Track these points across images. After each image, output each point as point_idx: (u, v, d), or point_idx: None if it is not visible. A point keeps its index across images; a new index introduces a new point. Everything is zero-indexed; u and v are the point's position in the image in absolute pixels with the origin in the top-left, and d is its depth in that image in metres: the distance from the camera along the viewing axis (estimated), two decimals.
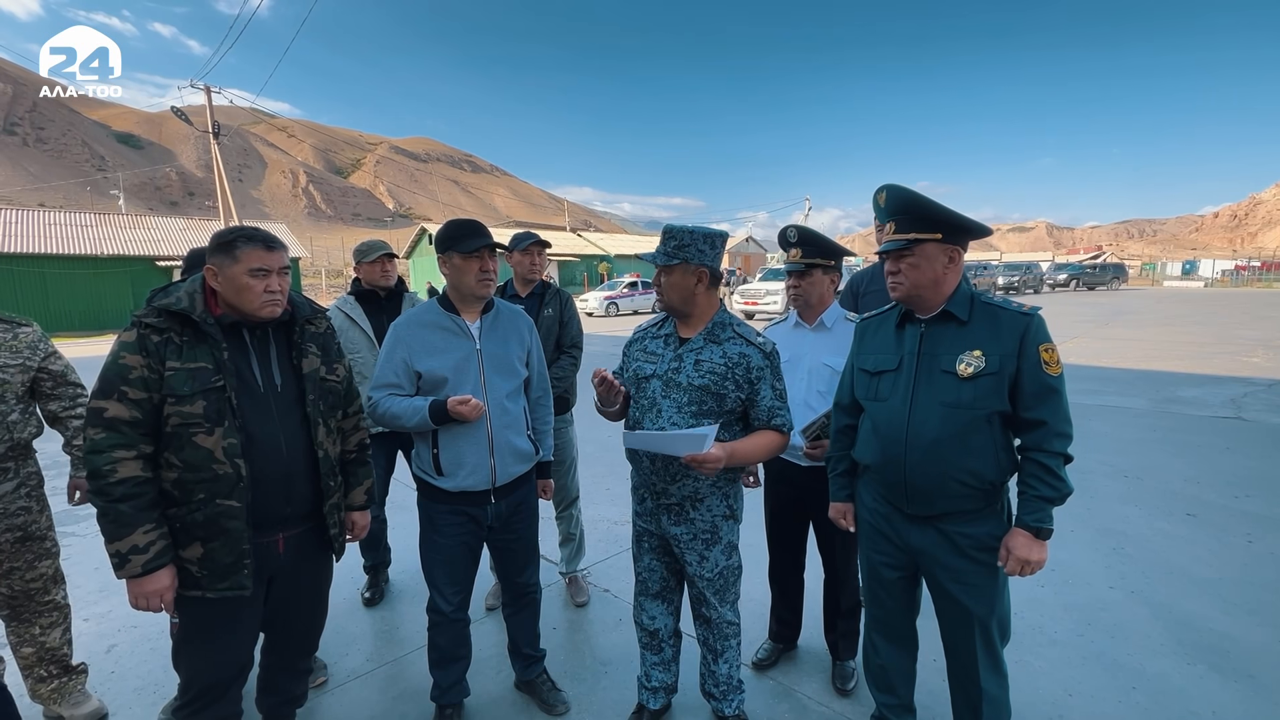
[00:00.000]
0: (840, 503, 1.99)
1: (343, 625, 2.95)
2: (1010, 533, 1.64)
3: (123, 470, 1.52)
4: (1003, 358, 1.61)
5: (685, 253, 1.84)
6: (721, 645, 2.07)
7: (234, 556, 1.62)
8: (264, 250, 1.63)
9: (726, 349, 1.87)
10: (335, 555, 1.92)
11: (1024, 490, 1.64)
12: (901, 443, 1.70)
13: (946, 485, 1.65)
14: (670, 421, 1.86)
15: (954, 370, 1.65)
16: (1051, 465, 1.59)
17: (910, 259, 1.68)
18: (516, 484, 2.15)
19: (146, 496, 1.55)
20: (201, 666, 1.71)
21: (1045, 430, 1.59)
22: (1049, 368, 1.60)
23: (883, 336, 1.86)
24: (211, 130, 20.95)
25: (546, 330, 2.93)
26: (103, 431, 1.52)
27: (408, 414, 1.95)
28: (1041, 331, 1.63)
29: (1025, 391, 1.60)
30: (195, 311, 1.59)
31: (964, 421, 1.63)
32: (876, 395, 1.81)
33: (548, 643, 2.72)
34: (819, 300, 2.28)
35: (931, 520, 1.73)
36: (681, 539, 1.97)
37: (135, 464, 1.54)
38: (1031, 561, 1.59)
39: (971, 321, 1.68)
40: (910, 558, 1.82)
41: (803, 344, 2.32)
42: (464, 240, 2.00)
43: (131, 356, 1.55)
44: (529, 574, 2.29)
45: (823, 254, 2.23)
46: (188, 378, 1.56)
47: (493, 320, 2.13)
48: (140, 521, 1.53)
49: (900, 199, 1.71)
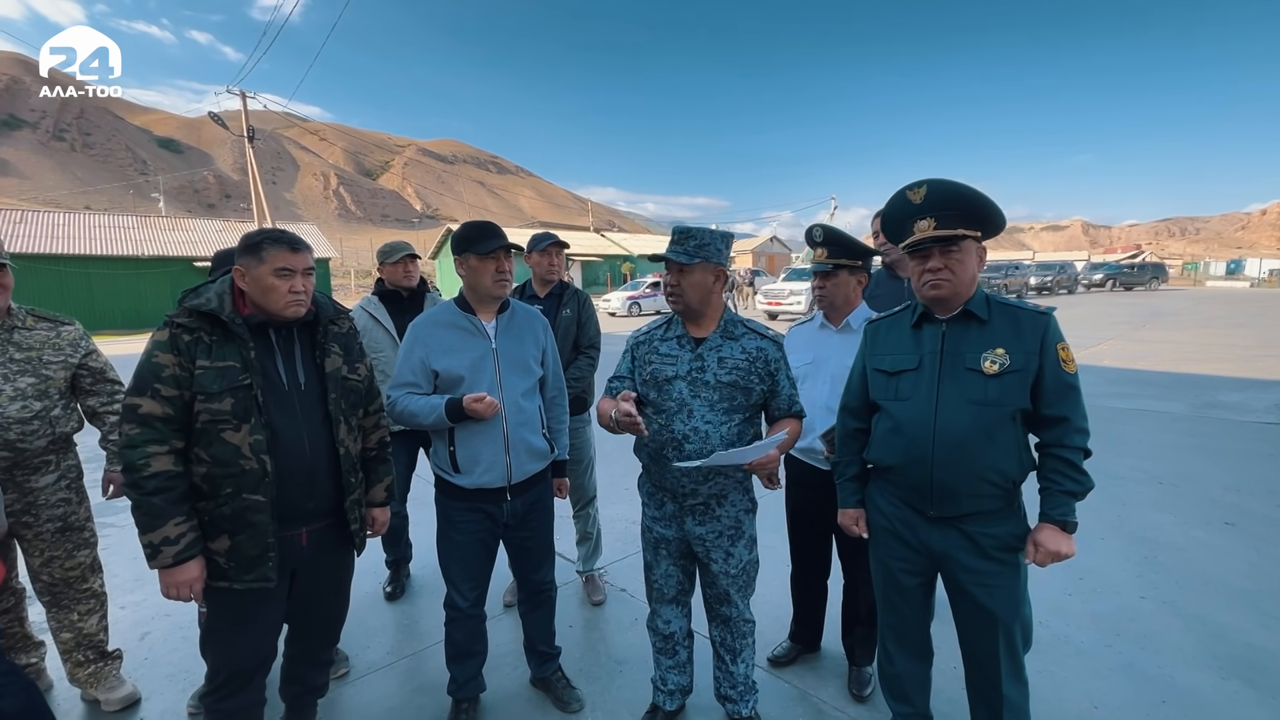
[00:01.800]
0: (851, 509, 1.97)
1: (364, 618, 3.02)
2: (1037, 527, 1.66)
3: (156, 465, 1.58)
4: (1026, 355, 1.63)
5: (706, 251, 1.85)
6: (739, 645, 2.07)
7: (259, 549, 1.67)
8: (289, 252, 1.68)
9: (744, 344, 1.91)
10: (356, 550, 1.97)
11: (1048, 486, 1.65)
12: (928, 441, 1.69)
13: (973, 484, 1.66)
14: (704, 419, 1.87)
15: (979, 368, 1.66)
16: (1074, 460, 1.62)
17: (957, 255, 1.66)
18: (532, 482, 2.18)
19: (178, 490, 1.61)
20: (227, 655, 1.76)
21: (1067, 426, 1.63)
22: (1067, 365, 1.64)
23: (897, 337, 1.85)
24: (246, 135, 21.56)
25: (564, 331, 2.95)
26: (137, 427, 1.58)
27: (425, 412, 1.99)
28: (1058, 330, 1.67)
29: (1047, 389, 1.63)
30: (224, 312, 1.65)
31: (991, 418, 1.64)
32: (897, 395, 1.79)
33: (564, 640, 2.75)
34: (845, 302, 2.26)
35: (954, 521, 1.72)
36: (707, 538, 1.98)
37: (168, 459, 1.59)
38: (1061, 554, 1.61)
39: (991, 320, 1.69)
40: (930, 562, 1.80)
41: (827, 346, 2.30)
42: (480, 242, 2.03)
43: (164, 355, 1.60)
44: (544, 572, 2.31)
45: (849, 254, 2.21)
46: (217, 376, 1.62)
47: (508, 320, 2.16)
48: (172, 514, 1.59)
49: (948, 192, 1.67)
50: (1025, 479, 1.69)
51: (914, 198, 1.73)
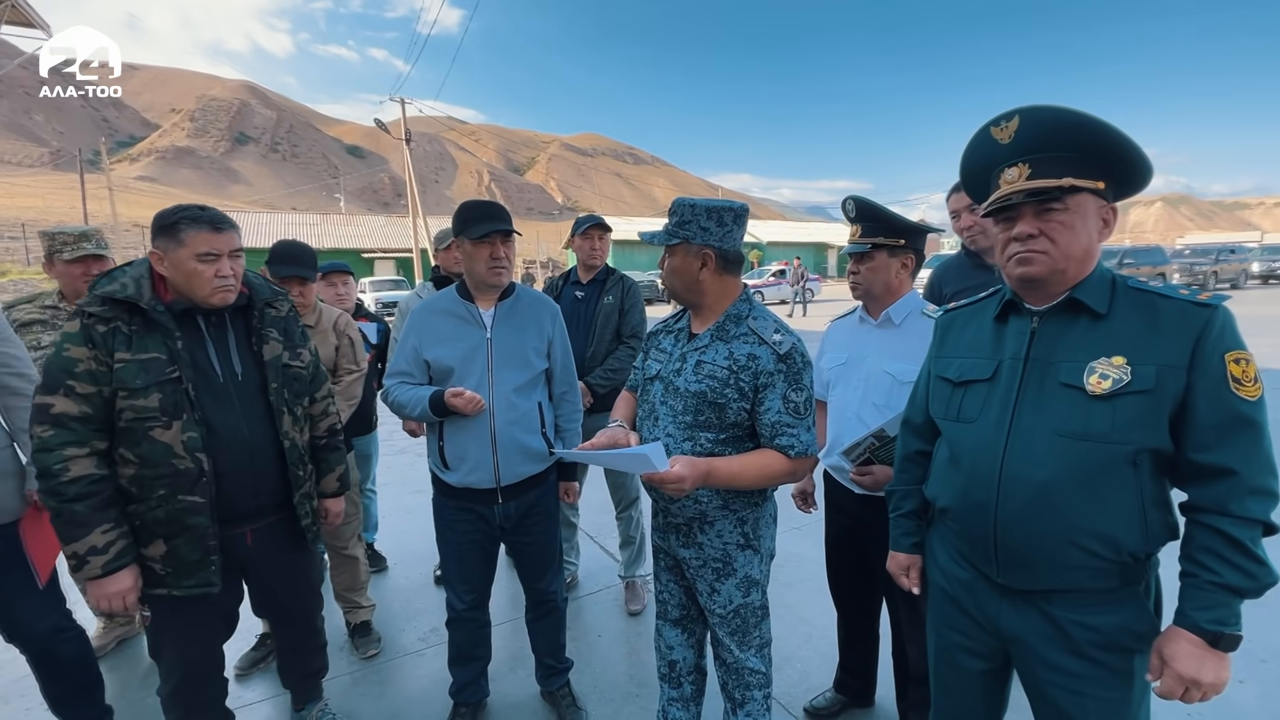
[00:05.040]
0: (903, 554, 1.52)
1: (410, 600, 3.06)
2: (1168, 633, 1.10)
3: (75, 469, 1.43)
4: (1162, 369, 1.08)
5: (686, 230, 1.50)
6: (742, 695, 1.74)
7: (200, 553, 1.55)
8: (211, 232, 1.52)
9: (734, 349, 1.51)
10: (308, 544, 1.86)
11: (1193, 573, 1.09)
12: (992, 483, 1.21)
13: (1059, 550, 1.15)
14: (666, 433, 1.56)
15: (1080, 384, 1.13)
16: (1240, 537, 1.04)
17: (1061, 215, 1.14)
18: (527, 485, 1.99)
19: (103, 495, 1.46)
20: (177, 660, 1.68)
21: (1233, 483, 1.05)
22: (1241, 388, 1.05)
23: (974, 333, 1.36)
24: (404, 138, 23.88)
25: (605, 319, 2.75)
26: (50, 429, 1.43)
27: (411, 404, 1.88)
28: (1230, 332, 1.08)
29: (1201, 423, 1.06)
30: (143, 299, 1.49)
31: (1094, 460, 1.11)
32: (960, 415, 1.32)
33: (586, 652, 2.57)
34: (884, 289, 1.79)
35: (1031, 598, 1.22)
36: (691, 564, 1.68)
37: (88, 461, 1.45)
38: (1202, 682, 1.05)
39: (1112, 315, 1.15)
40: (999, 644, 1.31)
41: (864, 343, 1.84)
42: (474, 225, 1.85)
43: (76, 349, 1.45)
44: (548, 581, 2.13)
45: (889, 232, 1.74)
46: (139, 370, 1.47)
47: (509, 308, 1.98)
48: (97, 521, 1.45)
49: (1052, 123, 1.15)
50: (1158, 551, 1.15)
51: (1000, 135, 1.21)
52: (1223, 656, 1.05)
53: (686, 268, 1.53)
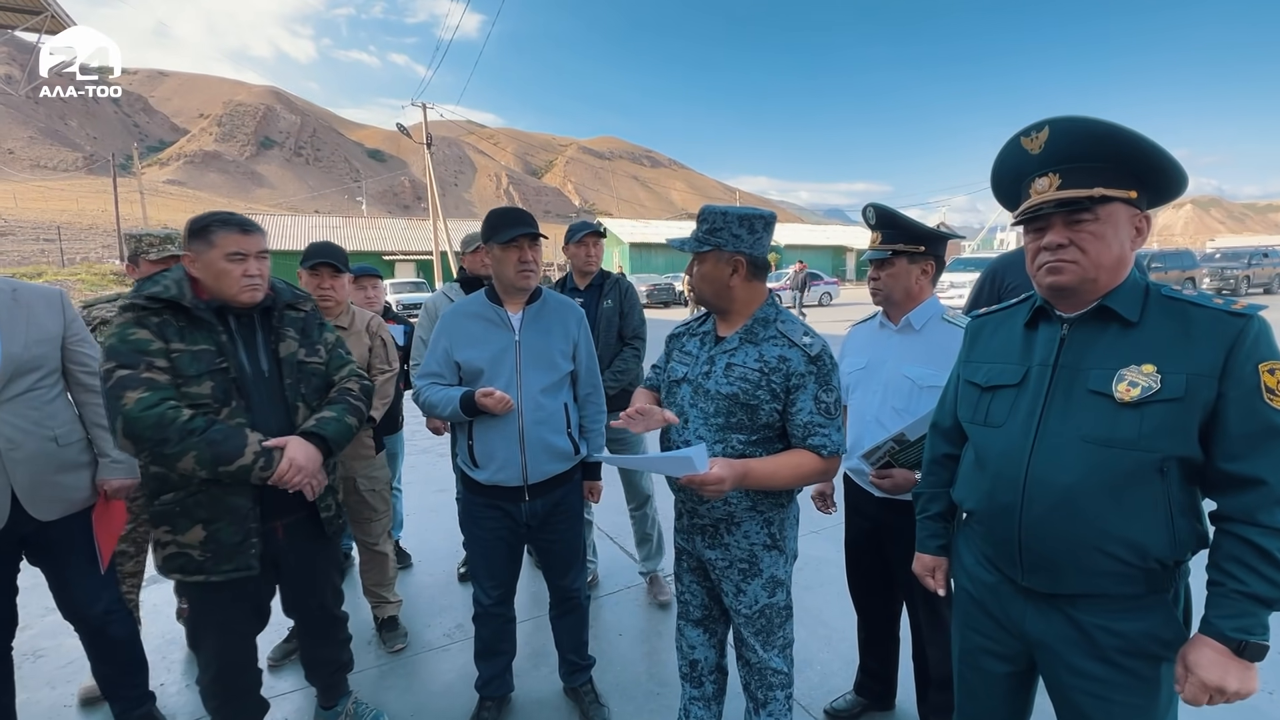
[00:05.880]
0: (930, 555, 1.53)
1: (435, 597, 3.13)
2: (1194, 641, 1.11)
3: (188, 412, 1.51)
4: (1193, 378, 1.09)
5: (717, 238, 1.55)
6: (765, 695, 1.76)
7: (240, 535, 1.63)
8: (239, 234, 1.62)
9: (764, 351, 1.55)
10: (329, 538, 1.93)
11: (1220, 581, 1.09)
12: (1017, 487, 1.22)
13: (1085, 556, 1.16)
14: (696, 435, 1.60)
15: (1109, 391, 1.14)
16: (1268, 547, 1.04)
17: (1091, 225, 1.16)
18: (554, 483, 2.04)
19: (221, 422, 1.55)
20: (215, 651, 1.75)
21: (1263, 493, 1.06)
22: (1275, 398, 1.06)
23: (1004, 339, 1.37)
24: (425, 142, 24.24)
25: (606, 323, 2.83)
26: (145, 390, 1.47)
27: (443, 403, 1.94)
28: (1265, 342, 1.08)
29: (1232, 432, 1.07)
30: (185, 298, 1.59)
31: (1120, 467, 1.12)
32: (987, 419, 1.33)
33: (610, 650, 2.61)
34: (905, 295, 1.81)
35: (1056, 602, 1.23)
36: (717, 564, 1.71)
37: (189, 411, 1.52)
38: (1227, 691, 1.06)
39: (1143, 323, 1.16)
40: (1024, 648, 1.32)
41: (884, 349, 1.87)
42: (502, 230, 1.92)
43: (140, 331, 1.53)
44: (571, 578, 2.18)
45: (909, 238, 1.77)
46: (193, 359, 1.57)
47: (537, 311, 2.04)
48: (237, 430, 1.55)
49: (1081, 133, 1.16)
50: (1187, 558, 1.15)
51: (1031, 146, 1.23)
52: (1248, 665, 1.06)
53: (717, 274, 1.57)
